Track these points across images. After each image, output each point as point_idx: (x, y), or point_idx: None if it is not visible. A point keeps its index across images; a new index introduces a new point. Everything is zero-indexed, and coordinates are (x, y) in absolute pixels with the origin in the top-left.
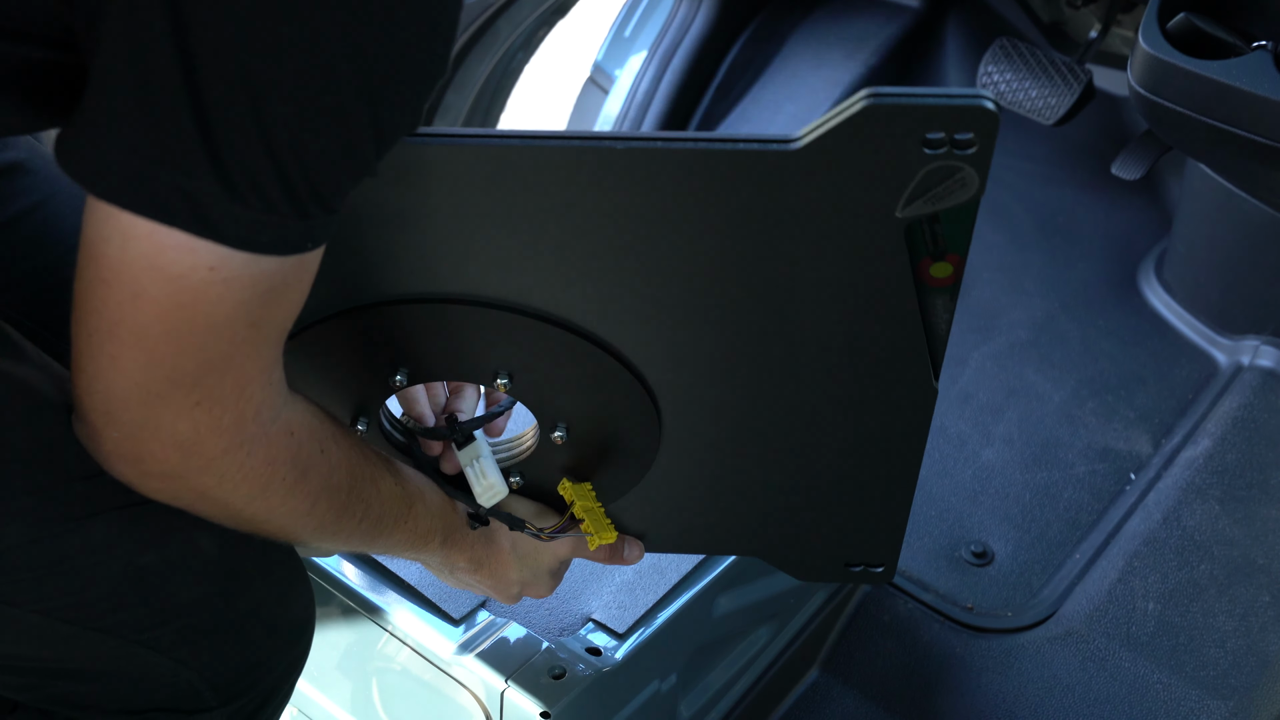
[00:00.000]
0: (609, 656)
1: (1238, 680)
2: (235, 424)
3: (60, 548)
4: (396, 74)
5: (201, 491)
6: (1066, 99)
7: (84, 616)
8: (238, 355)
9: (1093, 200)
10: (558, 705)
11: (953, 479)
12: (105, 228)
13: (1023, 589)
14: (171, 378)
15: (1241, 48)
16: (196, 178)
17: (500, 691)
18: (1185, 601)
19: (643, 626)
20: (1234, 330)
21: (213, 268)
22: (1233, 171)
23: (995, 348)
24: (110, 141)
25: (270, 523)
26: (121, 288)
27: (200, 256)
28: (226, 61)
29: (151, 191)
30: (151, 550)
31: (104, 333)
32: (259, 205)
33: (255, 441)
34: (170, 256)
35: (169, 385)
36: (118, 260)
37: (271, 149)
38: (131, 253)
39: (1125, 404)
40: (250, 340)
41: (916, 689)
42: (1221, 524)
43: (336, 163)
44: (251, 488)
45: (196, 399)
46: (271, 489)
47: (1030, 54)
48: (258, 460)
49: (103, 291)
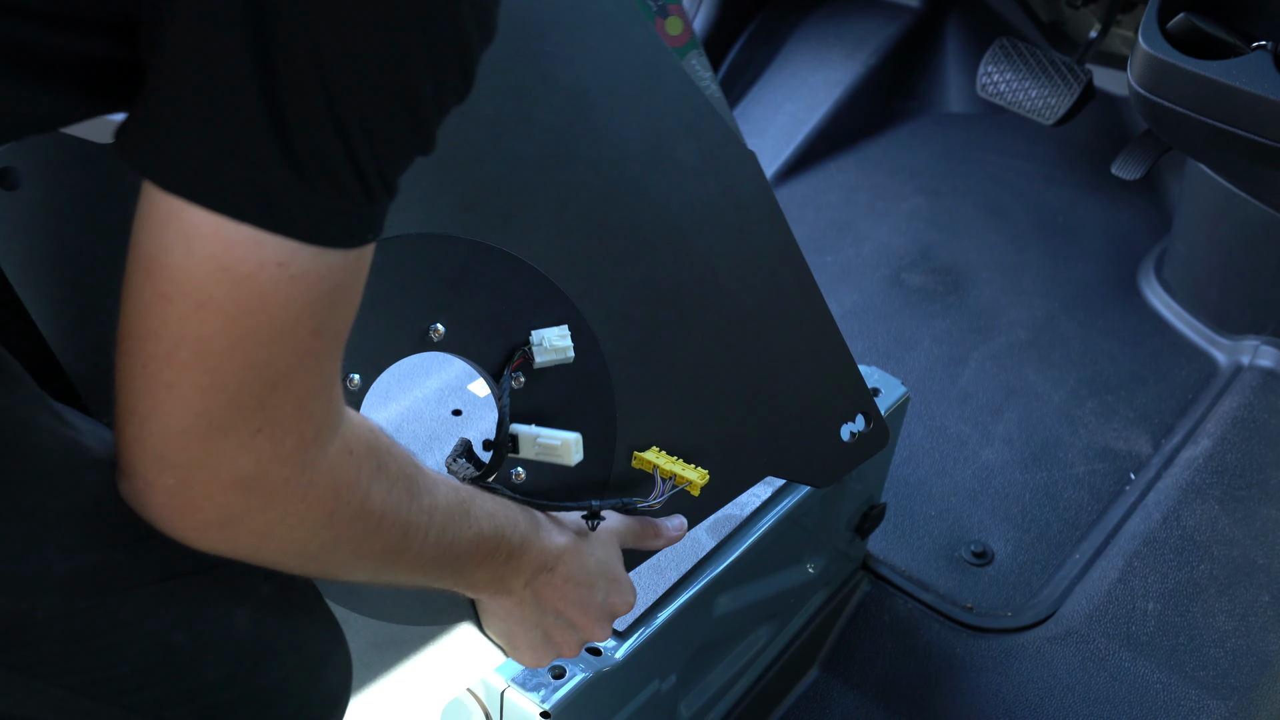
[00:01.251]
0: (609, 656)
1: (1238, 680)
2: (297, 449)
3: (92, 622)
4: (458, 42)
5: (263, 534)
6: (1066, 99)
7: (107, 693)
8: (301, 369)
9: (1093, 200)
10: (558, 705)
11: (953, 479)
12: (166, 235)
13: (1023, 589)
14: (234, 401)
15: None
16: (267, 167)
17: (500, 691)
18: (1185, 601)
19: (643, 626)
20: (1234, 330)
21: (281, 263)
22: (1233, 171)
23: (995, 348)
24: (178, 132)
25: (336, 555)
26: (184, 299)
27: (268, 251)
28: (299, 41)
29: (221, 184)
30: (182, 629)
31: (162, 357)
32: (329, 192)
33: (317, 467)
34: (238, 254)
35: (231, 411)
36: (180, 268)
37: (343, 131)
38: (196, 255)
39: (1125, 404)
40: (313, 351)
41: (916, 689)
42: (1221, 524)
43: (405, 140)
44: (317, 517)
45: (258, 424)
46: (337, 516)
47: (1030, 54)
48: (321, 487)
49: (162, 308)
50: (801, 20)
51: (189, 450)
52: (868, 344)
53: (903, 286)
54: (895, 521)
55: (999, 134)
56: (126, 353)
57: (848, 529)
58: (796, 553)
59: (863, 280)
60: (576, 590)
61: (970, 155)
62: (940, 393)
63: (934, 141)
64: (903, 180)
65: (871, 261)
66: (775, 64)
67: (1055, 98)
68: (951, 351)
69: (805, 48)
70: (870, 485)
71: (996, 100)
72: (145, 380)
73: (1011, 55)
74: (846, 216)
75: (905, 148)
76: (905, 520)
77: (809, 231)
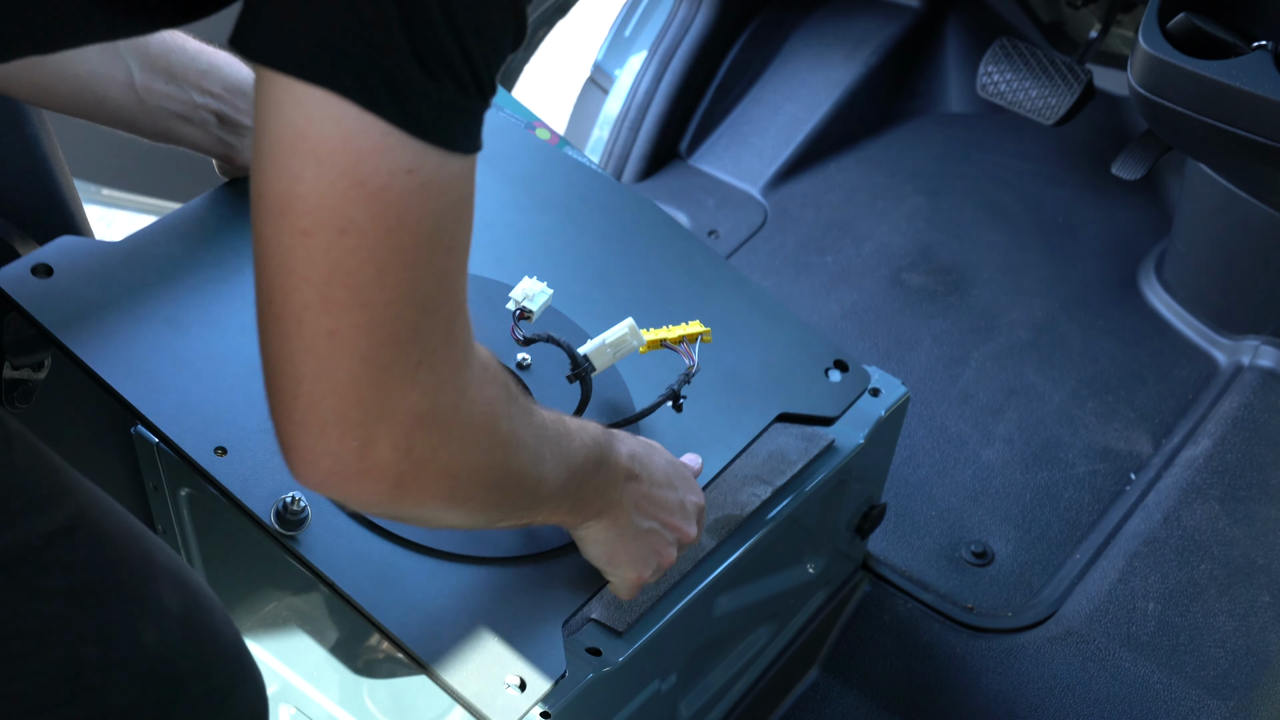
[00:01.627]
0: (609, 656)
1: (1238, 680)
2: (454, 374)
3: (2, 624)
4: None
5: (452, 470)
6: (1066, 99)
7: (10, 712)
8: (441, 291)
9: (1093, 200)
10: (558, 705)
11: (953, 479)
12: (294, 162)
13: (1023, 589)
14: (394, 336)
15: (1241, 48)
16: (396, 57)
17: None
18: (1185, 601)
19: (643, 626)
20: (1234, 330)
21: (410, 170)
22: (1233, 171)
23: (995, 348)
24: (306, 19)
25: (506, 480)
26: (325, 229)
27: (397, 158)
28: None
29: (354, 69)
30: (92, 643)
31: (317, 303)
32: (451, 86)
33: (470, 388)
34: (369, 165)
35: (393, 348)
36: (314, 194)
37: (455, 23)
38: (329, 174)
39: (1125, 404)
40: (449, 270)
41: (916, 689)
42: (1221, 524)
43: (505, 30)
44: (486, 437)
45: (418, 357)
46: (497, 433)
47: (1030, 54)
48: (480, 406)
49: (306, 246)
50: (801, 20)
51: (365, 401)
52: (868, 344)
53: (903, 286)
54: (895, 521)
55: (999, 134)
56: (277, 316)
57: (848, 529)
58: (796, 553)
59: (863, 280)
60: (661, 492)
61: (970, 155)
62: (940, 393)
63: (934, 141)
64: (903, 180)
65: (871, 261)
66: (775, 64)
67: (1055, 98)
68: (952, 351)
69: (805, 48)
70: (870, 485)
71: (996, 100)
72: (304, 336)
73: (1011, 55)
74: (846, 216)
75: (905, 148)
76: (905, 520)
77: (809, 231)
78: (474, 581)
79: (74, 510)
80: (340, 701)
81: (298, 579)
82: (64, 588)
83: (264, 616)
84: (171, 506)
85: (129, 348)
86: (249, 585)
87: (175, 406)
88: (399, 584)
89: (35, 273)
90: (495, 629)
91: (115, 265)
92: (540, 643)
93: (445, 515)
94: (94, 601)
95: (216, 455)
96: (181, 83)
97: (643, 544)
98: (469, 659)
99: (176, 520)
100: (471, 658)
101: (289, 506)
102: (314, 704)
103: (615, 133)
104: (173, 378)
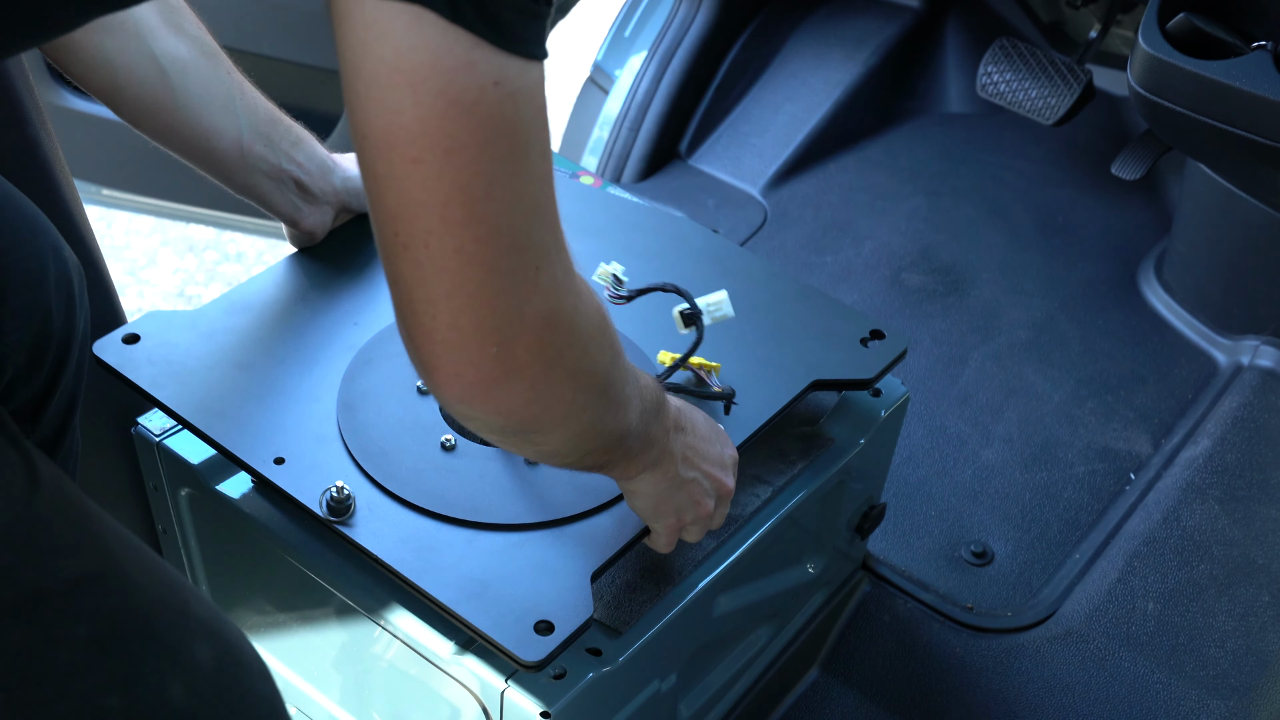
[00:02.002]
0: (609, 656)
1: (1238, 680)
2: (567, 276)
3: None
4: None
5: (575, 369)
6: (1066, 99)
7: None
8: (543, 195)
9: (1093, 200)
10: (558, 705)
11: (953, 479)
12: (392, 95)
13: (1023, 589)
14: (513, 244)
15: (1241, 48)
16: None
17: (500, 691)
18: (1185, 601)
19: (643, 626)
20: (1234, 330)
21: (497, 82)
22: (1233, 171)
23: (995, 348)
24: None
25: (611, 380)
26: (433, 153)
27: (482, 71)
28: None
29: None
30: (116, 693)
31: (439, 226)
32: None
33: (582, 289)
34: (460, 83)
35: (514, 255)
36: (416, 121)
37: None
38: (426, 98)
39: (1125, 404)
40: (545, 175)
41: (916, 689)
42: (1221, 524)
43: None
44: (600, 338)
45: (536, 262)
46: (606, 329)
47: (1030, 54)
48: (590, 306)
49: (420, 173)
50: (801, 20)
51: (499, 308)
52: None
53: (903, 286)
54: (895, 521)
55: (999, 134)
56: (405, 246)
57: (848, 529)
58: (796, 553)
59: (863, 280)
60: (704, 445)
61: (970, 155)
62: (940, 393)
63: (934, 141)
64: (903, 180)
65: (871, 261)
66: (775, 64)
67: (1055, 98)
68: (951, 351)
69: (805, 48)
70: (870, 485)
71: (996, 100)
72: (433, 260)
73: (1011, 55)
74: (846, 216)
75: (905, 148)
76: (905, 520)
77: (809, 231)
78: (505, 546)
79: (102, 558)
80: (341, 702)
81: (298, 578)
82: (87, 637)
83: (264, 616)
84: (171, 506)
85: (204, 389)
86: (249, 585)
87: (240, 429)
88: (435, 553)
89: (125, 341)
90: (526, 583)
91: (191, 328)
92: (568, 592)
93: (564, 428)
94: (120, 652)
95: (275, 464)
96: (276, 148)
97: (685, 494)
98: (501, 610)
99: (176, 520)
100: (504, 608)
101: (335, 497)
102: (315, 704)
103: (615, 133)
104: (239, 407)
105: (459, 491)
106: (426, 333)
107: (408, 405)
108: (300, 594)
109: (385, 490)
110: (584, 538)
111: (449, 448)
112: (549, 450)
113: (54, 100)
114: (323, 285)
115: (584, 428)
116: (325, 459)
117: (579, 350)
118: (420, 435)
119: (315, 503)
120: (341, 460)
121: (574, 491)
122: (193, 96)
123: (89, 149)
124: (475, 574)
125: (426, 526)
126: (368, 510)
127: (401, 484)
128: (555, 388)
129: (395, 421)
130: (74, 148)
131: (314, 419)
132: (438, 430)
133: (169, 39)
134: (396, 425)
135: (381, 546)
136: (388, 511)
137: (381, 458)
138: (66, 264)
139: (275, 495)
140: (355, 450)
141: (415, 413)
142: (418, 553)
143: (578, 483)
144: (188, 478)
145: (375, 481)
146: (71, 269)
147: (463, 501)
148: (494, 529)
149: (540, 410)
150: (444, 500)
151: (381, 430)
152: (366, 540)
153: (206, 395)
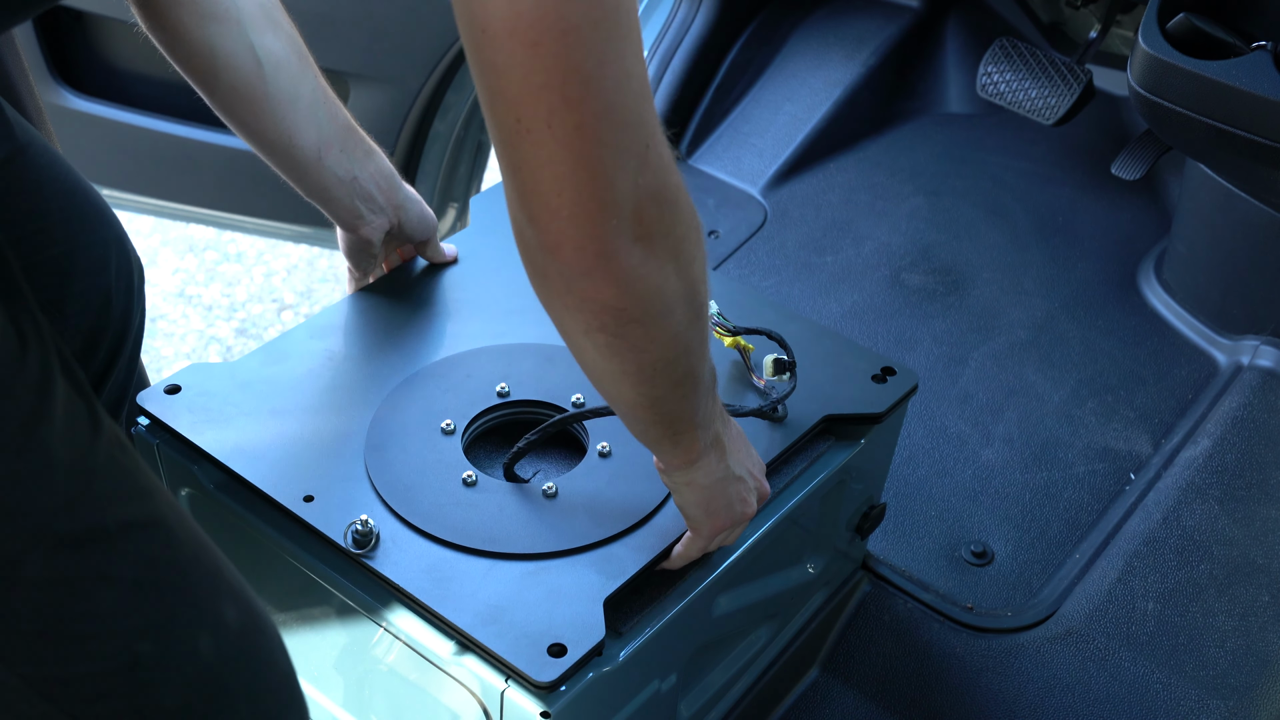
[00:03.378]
0: (609, 656)
1: (1238, 680)
2: (671, 158)
3: (68, 607)
4: None
5: (678, 243)
6: (1066, 99)
7: (63, 696)
8: (645, 78)
9: (1093, 200)
10: (558, 705)
11: (953, 479)
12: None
13: (1023, 589)
14: (625, 120)
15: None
16: None
17: (500, 691)
18: (1185, 601)
19: (643, 626)
20: (1234, 330)
21: None
22: (1233, 171)
23: (995, 348)
24: None
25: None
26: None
27: None
28: None
29: None
30: (150, 638)
31: (559, 105)
32: None
33: (679, 179)
34: None
35: (627, 131)
36: (533, 3)
37: None
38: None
39: (1125, 404)
40: (642, 56)
41: (916, 689)
42: (1221, 524)
43: None
44: (694, 221)
45: (644, 139)
46: (699, 224)
47: (1030, 54)
48: (683, 195)
49: (539, 54)
50: (801, 20)
51: (617, 182)
52: (868, 344)
53: (903, 286)
54: (895, 521)
55: (999, 134)
56: (528, 130)
57: (848, 529)
58: (796, 553)
59: (863, 280)
60: (744, 444)
61: (970, 155)
62: (940, 393)
63: (934, 141)
64: (903, 180)
65: (871, 261)
66: (775, 64)
67: (1055, 98)
68: (951, 351)
69: (805, 48)
70: (870, 485)
71: (996, 100)
72: (556, 138)
73: (1011, 55)
74: (846, 216)
75: (905, 148)
76: (905, 520)
77: (809, 231)
78: (522, 574)
79: (151, 509)
80: (341, 702)
81: (298, 579)
82: (131, 579)
83: None
84: None
85: (239, 434)
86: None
87: (272, 469)
88: (454, 582)
89: (168, 391)
90: (540, 608)
91: (229, 379)
92: (581, 616)
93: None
94: (157, 599)
95: (305, 501)
96: (351, 156)
97: (734, 491)
98: (516, 634)
99: None
100: (519, 632)
101: (360, 530)
102: (315, 704)
103: None
104: (269, 448)
105: (479, 524)
106: (553, 211)
107: (432, 445)
108: (300, 594)
109: (408, 524)
110: (598, 565)
111: (470, 483)
112: (646, 361)
113: (54, 100)
114: (352, 338)
115: (677, 331)
116: (352, 496)
117: (683, 230)
118: (443, 472)
119: (340, 536)
120: (367, 497)
121: (589, 522)
122: (283, 93)
123: (89, 149)
124: (492, 600)
125: (446, 557)
126: (391, 543)
127: (424, 517)
128: (663, 267)
129: (420, 460)
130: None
131: (342, 460)
132: (459, 468)
133: (266, 33)
134: (420, 464)
135: (403, 576)
136: (410, 544)
137: (405, 493)
138: (129, 257)
139: (303, 532)
140: (380, 487)
141: (439, 452)
142: (437, 582)
143: (592, 512)
144: (188, 478)
145: (399, 515)
146: (133, 263)
147: (482, 533)
148: (511, 558)
149: (648, 291)
150: (464, 532)
151: (406, 468)
152: (389, 570)
153: (241, 439)
